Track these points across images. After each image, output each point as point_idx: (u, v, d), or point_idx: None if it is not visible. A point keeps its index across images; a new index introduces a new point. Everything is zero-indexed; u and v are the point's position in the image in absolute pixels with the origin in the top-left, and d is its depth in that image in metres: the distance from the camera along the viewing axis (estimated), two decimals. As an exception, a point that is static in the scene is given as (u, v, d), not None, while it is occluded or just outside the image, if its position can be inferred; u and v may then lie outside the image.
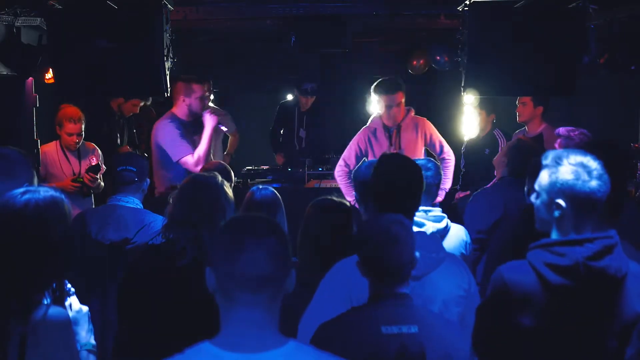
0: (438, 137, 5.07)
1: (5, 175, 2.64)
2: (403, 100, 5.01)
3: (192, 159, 4.75)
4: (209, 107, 5.00)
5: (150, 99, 5.60)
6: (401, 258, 2.06)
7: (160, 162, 4.87)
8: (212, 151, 5.07)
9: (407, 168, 2.57)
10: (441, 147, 5.01)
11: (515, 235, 3.12)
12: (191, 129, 4.94)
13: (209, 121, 4.83)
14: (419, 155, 4.97)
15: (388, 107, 4.99)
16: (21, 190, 1.94)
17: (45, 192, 1.94)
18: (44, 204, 1.91)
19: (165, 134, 4.84)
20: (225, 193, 2.64)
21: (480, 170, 4.54)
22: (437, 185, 3.24)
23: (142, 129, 6.47)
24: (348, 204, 2.95)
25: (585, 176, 1.95)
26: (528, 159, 4.03)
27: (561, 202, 1.99)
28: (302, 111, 6.74)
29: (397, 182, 2.51)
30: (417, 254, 2.10)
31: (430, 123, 5.17)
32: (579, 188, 1.96)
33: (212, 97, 6.77)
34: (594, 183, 1.95)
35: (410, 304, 2.07)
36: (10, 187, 2.05)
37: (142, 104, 6.14)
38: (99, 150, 5.27)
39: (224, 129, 5.09)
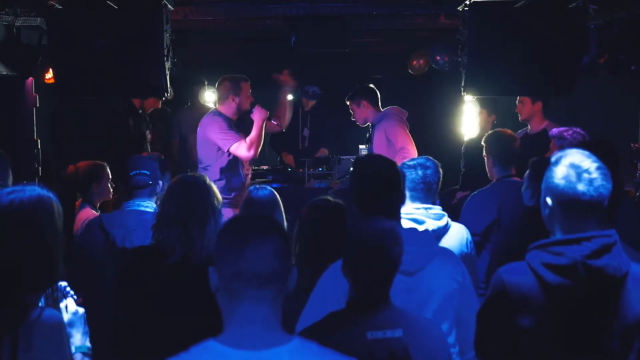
0: (397, 134, 5.22)
1: None
2: (353, 107, 5.49)
3: (245, 143, 4.85)
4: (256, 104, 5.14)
5: (172, 93, 5.64)
6: (383, 265, 2.05)
7: (205, 161, 4.97)
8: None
9: (381, 167, 2.55)
10: (396, 142, 5.20)
11: (510, 241, 3.12)
12: (238, 126, 5.05)
13: (259, 113, 4.94)
14: (384, 150, 5.16)
15: None
16: (7, 190, 1.91)
17: (31, 190, 1.91)
18: (29, 202, 1.87)
19: (213, 125, 4.92)
20: (214, 192, 2.65)
21: (481, 170, 4.52)
22: (437, 183, 3.23)
23: (155, 128, 6.50)
24: (341, 203, 2.94)
25: (573, 178, 1.94)
26: (509, 144, 4.07)
27: (548, 200, 2.00)
28: (305, 111, 6.75)
29: (373, 183, 2.50)
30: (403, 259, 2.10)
31: (393, 121, 5.31)
32: (562, 189, 1.95)
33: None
34: (580, 186, 1.93)
35: (391, 307, 2.06)
36: None
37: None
38: None
39: (274, 123, 5.28)
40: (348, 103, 5.52)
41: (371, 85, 5.53)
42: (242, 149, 4.85)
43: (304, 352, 1.53)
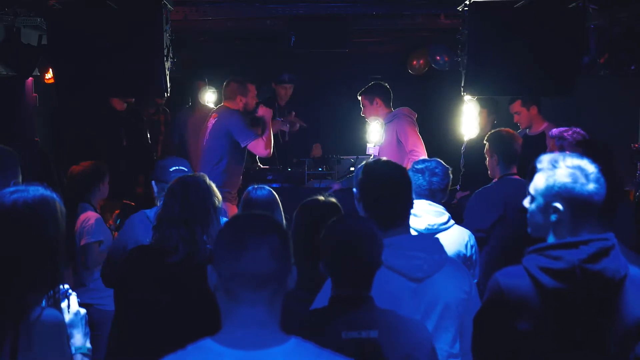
0: (407, 135, 5.22)
1: None
2: (366, 102, 5.48)
3: (263, 141, 5.06)
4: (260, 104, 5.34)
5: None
6: (361, 261, 2.05)
7: (214, 154, 5.06)
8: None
9: (391, 174, 2.52)
10: (407, 144, 5.20)
11: (515, 237, 3.11)
12: None
13: (265, 112, 5.19)
14: (394, 151, 5.19)
15: None
16: (10, 189, 1.91)
17: (34, 190, 1.90)
18: (32, 202, 1.87)
19: (236, 120, 5.08)
20: (214, 192, 2.67)
21: (480, 170, 4.53)
22: (442, 191, 3.22)
23: (154, 128, 6.53)
24: (334, 201, 2.93)
25: (583, 179, 1.93)
26: (512, 142, 4.11)
27: (559, 205, 1.96)
28: (282, 106, 6.72)
29: (383, 193, 2.47)
30: (382, 258, 2.09)
31: (405, 122, 5.29)
32: (577, 191, 1.93)
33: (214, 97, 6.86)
34: (591, 186, 1.93)
35: (371, 307, 2.05)
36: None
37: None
38: None
39: (279, 119, 5.52)
40: (360, 98, 5.54)
41: (385, 84, 5.55)
42: (260, 146, 5.06)
43: (300, 352, 1.53)
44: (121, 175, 5.07)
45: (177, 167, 3.45)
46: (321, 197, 2.91)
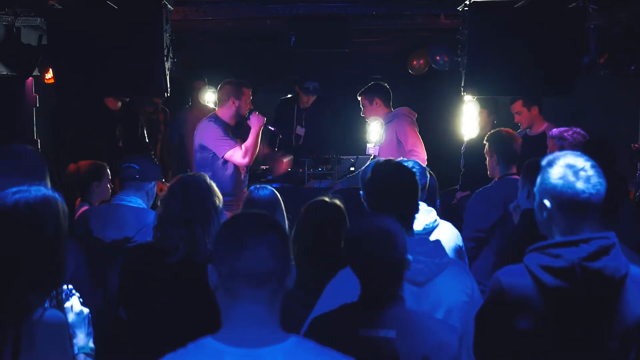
0: (407, 136, 5.23)
1: (22, 174, 2.63)
2: (365, 103, 5.54)
3: (240, 150, 4.87)
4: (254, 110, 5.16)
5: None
6: (388, 258, 2.04)
7: (199, 166, 4.95)
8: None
9: (400, 177, 2.52)
10: (406, 144, 5.19)
11: (515, 237, 3.12)
12: (234, 132, 5.06)
13: (256, 120, 4.95)
14: (393, 149, 5.19)
15: None
16: (13, 190, 1.91)
17: (36, 190, 1.91)
18: (34, 202, 1.87)
19: (209, 131, 4.95)
20: (215, 191, 2.67)
21: (480, 170, 4.54)
22: (420, 190, 3.21)
23: (154, 128, 6.52)
24: (339, 203, 2.93)
25: (570, 177, 1.94)
26: (512, 142, 4.13)
27: (546, 202, 1.99)
28: (302, 108, 6.72)
29: (390, 192, 2.47)
30: (410, 257, 2.08)
31: (404, 122, 5.31)
32: (561, 188, 1.95)
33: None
34: (579, 184, 1.93)
35: (398, 307, 2.04)
36: None
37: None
38: None
39: (271, 129, 5.33)
40: (360, 98, 5.56)
41: (385, 84, 5.58)
42: (237, 155, 4.88)
43: (300, 350, 1.54)
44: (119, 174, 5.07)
45: (128, 164, 3.54)
46: (326, 199, 2.91)
